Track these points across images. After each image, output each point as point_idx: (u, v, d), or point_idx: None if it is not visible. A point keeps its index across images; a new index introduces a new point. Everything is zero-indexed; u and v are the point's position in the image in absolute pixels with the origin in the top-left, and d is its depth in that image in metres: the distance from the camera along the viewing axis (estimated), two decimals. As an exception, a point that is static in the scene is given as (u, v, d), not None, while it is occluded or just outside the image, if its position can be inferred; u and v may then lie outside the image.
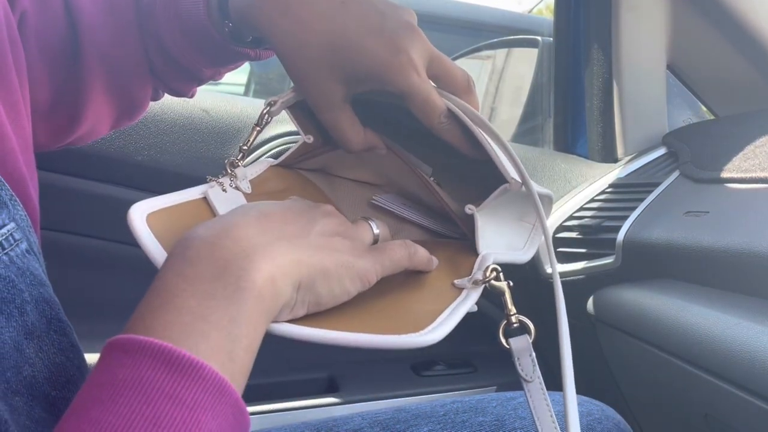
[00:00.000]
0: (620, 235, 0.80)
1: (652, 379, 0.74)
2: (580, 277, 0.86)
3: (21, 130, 0.44)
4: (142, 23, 0.53)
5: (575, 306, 0.86)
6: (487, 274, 0.41)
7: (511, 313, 0.40)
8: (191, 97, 0.61)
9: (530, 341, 0.40)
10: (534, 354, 0.40)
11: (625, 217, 0.82)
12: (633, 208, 0.83)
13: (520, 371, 0.40)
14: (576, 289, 0.85)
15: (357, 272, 0.38)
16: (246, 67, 2.67)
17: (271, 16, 0.44)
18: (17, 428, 0.34)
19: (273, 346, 0.36)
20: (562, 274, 0.88)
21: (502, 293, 0.41)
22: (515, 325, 0.40)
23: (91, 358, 0.94)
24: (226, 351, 0.31)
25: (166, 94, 0.61)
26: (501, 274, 0.42)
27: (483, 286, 0.41)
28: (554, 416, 0.40)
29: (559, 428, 0.39)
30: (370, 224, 0.45)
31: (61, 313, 0.40)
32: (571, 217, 0.93)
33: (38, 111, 0.51)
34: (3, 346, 0.34)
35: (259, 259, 0.33)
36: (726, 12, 0.94)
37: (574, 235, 0.90)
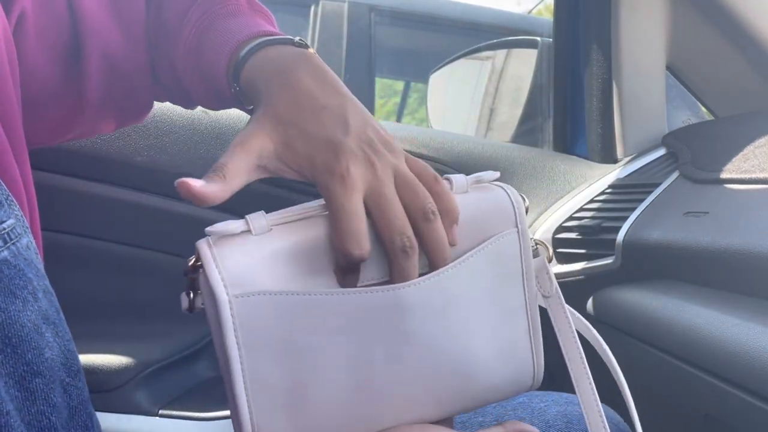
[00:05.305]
0: (620, 236, 0.80)
1: (652, 379, 0.74)
2: (580, 277, 0.86)
3: (13, 131, 0.45)
4: (157, 37, 0.55)
5: (575, 307, 0.85)
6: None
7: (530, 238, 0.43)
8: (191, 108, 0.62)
9: (545, 261, 0.44)
10: (551, 271, 0.44)
11: (625, 218, 0.82)
12: (633, 209, 0.83)
13: (538, 288, 0.43)
14: (575, 289, 0.85)
15: None
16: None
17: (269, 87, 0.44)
18: (27, 416, 0.35)
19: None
20: (562, 275, 0.88)
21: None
22: (534, 247, 0.43)
23: (90, 358, 0.93)
24: None
25: None
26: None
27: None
28: (573, 327, 0.44)
29: (577, 338, 0.44)
30: None
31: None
32: (570, 218, 0.93)
33: (40, 102, 0.52)
34: (22, 329, 0.35)
35: None
36: (726, 12, 0.94)
37: (573, 235, 0.90)
